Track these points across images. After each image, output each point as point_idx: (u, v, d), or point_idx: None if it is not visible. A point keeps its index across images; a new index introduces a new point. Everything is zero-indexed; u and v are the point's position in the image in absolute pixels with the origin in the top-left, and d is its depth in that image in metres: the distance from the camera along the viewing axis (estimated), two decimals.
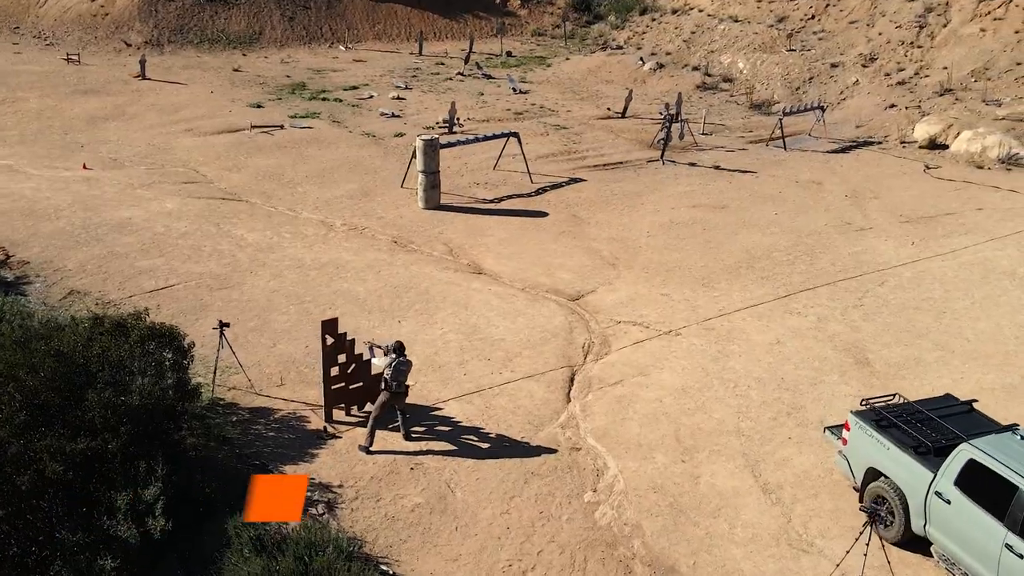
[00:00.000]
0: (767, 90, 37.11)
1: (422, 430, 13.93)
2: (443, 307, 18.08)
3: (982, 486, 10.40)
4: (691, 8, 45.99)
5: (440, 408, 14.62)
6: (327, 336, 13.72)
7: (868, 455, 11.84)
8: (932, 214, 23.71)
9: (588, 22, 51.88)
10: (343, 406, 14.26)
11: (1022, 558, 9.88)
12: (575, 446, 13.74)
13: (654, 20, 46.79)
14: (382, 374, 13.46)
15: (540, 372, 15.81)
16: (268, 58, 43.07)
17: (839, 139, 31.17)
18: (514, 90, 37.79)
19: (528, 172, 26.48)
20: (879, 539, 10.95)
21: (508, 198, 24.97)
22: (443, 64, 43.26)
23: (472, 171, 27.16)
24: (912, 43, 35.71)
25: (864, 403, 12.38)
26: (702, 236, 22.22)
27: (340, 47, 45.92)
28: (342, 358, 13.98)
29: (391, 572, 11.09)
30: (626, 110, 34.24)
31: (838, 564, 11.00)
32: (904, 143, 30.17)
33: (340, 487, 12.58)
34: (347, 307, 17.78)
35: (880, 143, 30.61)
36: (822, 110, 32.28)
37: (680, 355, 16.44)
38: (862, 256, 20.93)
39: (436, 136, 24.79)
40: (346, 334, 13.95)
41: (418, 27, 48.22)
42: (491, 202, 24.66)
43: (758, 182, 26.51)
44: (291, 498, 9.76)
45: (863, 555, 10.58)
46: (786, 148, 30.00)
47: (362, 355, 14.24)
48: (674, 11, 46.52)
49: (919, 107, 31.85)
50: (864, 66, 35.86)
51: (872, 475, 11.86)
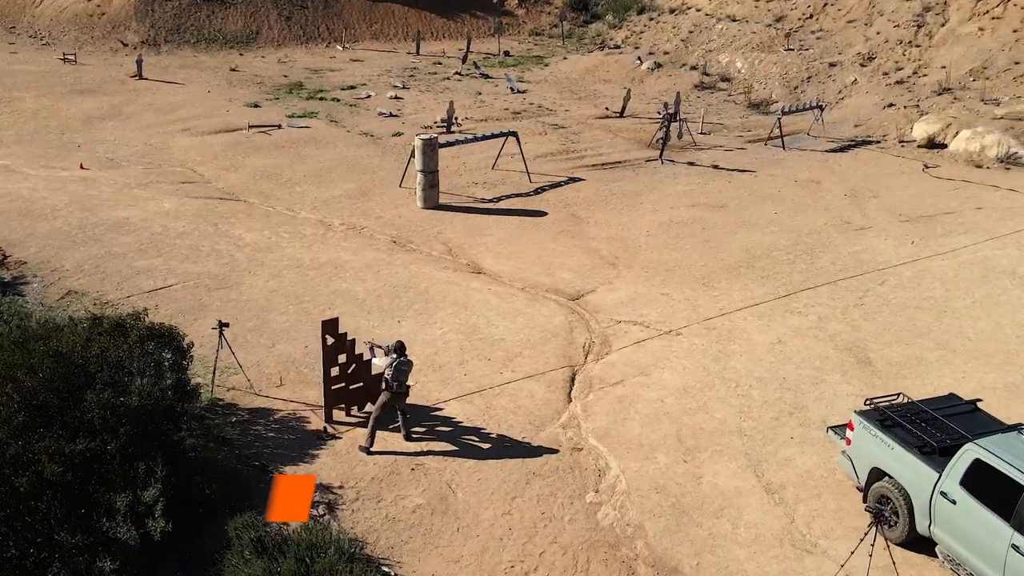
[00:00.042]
0: (765, 89, 37.08)
1: (423, 430, 13.86)
2: (443, 307, 18.00)
3: (988, 486, 10.35)
4: (689, 7, 45.94)
5: (441, 408, 14.55)
6: (327, 336, 13.64)
7: (872, 455, 11.78)
8: (931, 213, 23.68)
9: (586, 21, 51.82)
10: (343, 406, 14.18)
11: None
12: (576, 446, 13.68)
13: (652, 19, 46.74)
14: (383, 374, 13.39)
15: (541, 372, 15.75)
16: (265, 58, 42.95)
17: (838, 138, 31.13)
18: (512, 90, 37.72)
19: (527, 171, 26.41)
20: (883, 539, 10.88)
21: (507, 197, 24.90)
22: (440, 64, 43.18)
23: (471, 171, 27.08)
24: (910, 42, 35.70)
25: (868, 403, 12.32)
26: (701, 235, 22.17)
27: (337, 47, 45.82)
28: (342, 358, 13.90)
29: (393, 574, 11.02)
30: (624, 109, 34.18)
31: (842, 565, 10.95)
32: (903, 142, 30.14)
33: (341, 488, 12.51)
34: (346, 307, 17.69)
35: (879, 142, 30.58)
36: (820, 109, 32.24)
37: (681, 355, 16.38)
38: (862, 255, 20.89)
39: (435, 135, 24.71)
40: (346, 334, 13.87)
41: (415, 27, 48.14)
42: (490, 201, 24.59)
43: (757, 181, 26.46)
44: (302, 498, 9.81)
45: (868, 555, 10.52)
46: (785, 147, 29.96)
47: (362, 355, 14.17)
48: (672, 10, 46.47)
49: (917, 106, 31.82)
50: (862, 65, 35.84)
51: (876, 475, 11.81)
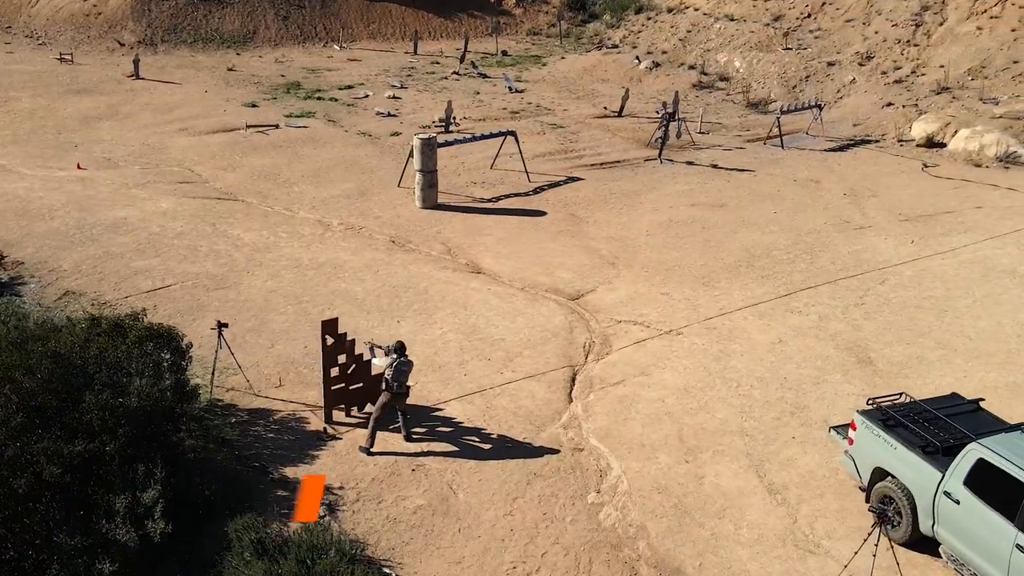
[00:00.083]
0: (764, 89, 37.04)
1: (423, 431, 13.80)
2: (442, 307, 17.94)
3: (992, 486, 10.30)
4: (687, 7, 45.89)
5: (441, 409, 14.49)
6: (327, 336, 13.57)
7: (875, 455, 11.74)
8: (931, 212, 23.65)
9: (583, 21, 51.78)
10: (343, 407, 14.11)
11: None
12: (578, 447, 13.62)
13: (649, 19, 46.69)
14: (382, 374, 13.33)
15: (541, 372, 15.69)
16: (262, 57, 42.85)
17: (836, 137, 31.10)
18: (510, 89, 37.66)
19: (526, 171, 26.35)
20: (887, 540, 10.84)
21: (506, 197, 24.83)
22: (438, 63, 43.10)
23: (469, 170, 27.01)
24: (908, 41, 35.68)
25: (871, 402, 12.27)
26: (701, 235, 22.12)
27: (335, 46, 45.74)
28: (342, 358, 13.83)
29: (394, 575, 10.95)
30: (622, 109, 34.14)
31: (846, 565, 10.90)
32: (901, 141, 30.11)
33: (341, 489, 12.44)
34: (345, 307, 17.62)
35: (877, 141, 30.55)
36: (819, 108, 32.21)
37: (682, 354, 16.33)
38: (862, 254, 20.85)
39: (433, 135, 24.65)
40: (346, 334, 13.80)
41: (413, 26, 48.07)
42: (489, 201, 24.52)
43: (756, 180, 26.42)
44: (317, 498, 9.89)
45: (872, 556, 10.48)
46: (783, 146, 29.92)
47: (362, 355, 14.10)
48: (670, 10, 46.43)
49: (916, 105, 31.79)
50: (861, 64, 35.81)
51: (879, 475, 11.76)
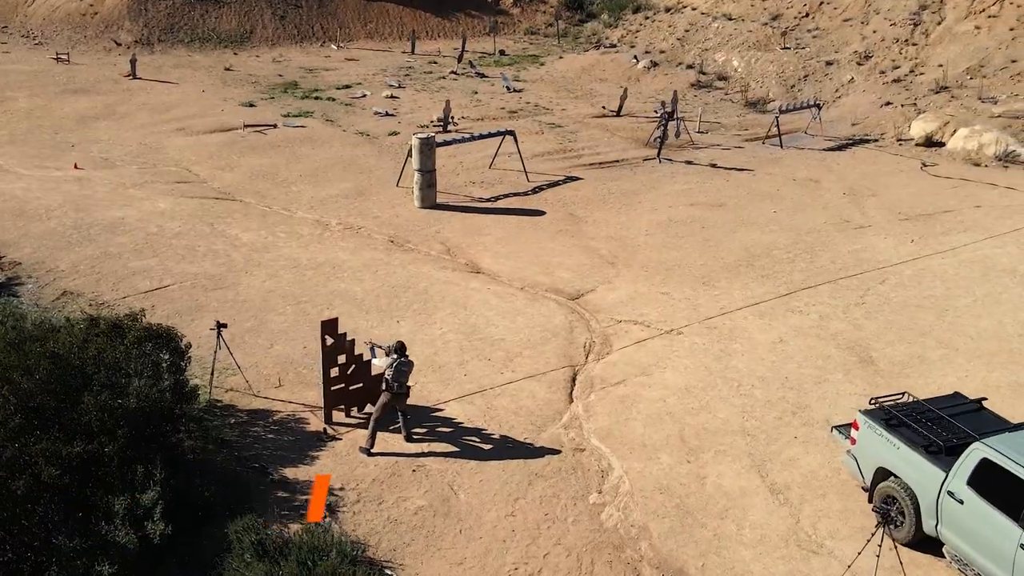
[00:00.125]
0: (762, 88, 37.01)
1: (423, 431, 13.73)
2: (442, 307, 17.87)
3: (996, 486, 10.25)
4: (684, 6, 45.85)
5: (441, 409, 14.42)
6: (327, 336, 13.51)
7: (878, 455, 11.69)
8: (930, 212, 23.63)
9: (581, 20, 51.69)
10: (343, 407, 14.05)
11: None
12: (579, 447, 13.56)
13: (647, 18, 46.65)
14: (383, 375, 13.26)
15: (541, 372, 15.63)
16: (260, 57, 42.75)
17: (835, 137, 31.08)
18: (508, 89, 37.60)
19: (524, 171, 26.29)
20: (890, 540, 10.79)
21: (505, 197, 24.78)
22: (436, 63, 43.04)
23: (468, 170, 26.95)
24: (907, 41, 35.67)
25: (873, 402, 12.23)
26: (701, 234, 22.07)
27: (332, 46, 45.65)
28: (342, 359, 13.77)
29: None
30: (621, 108, 34.09)
31: (849, 565, 10.84)
32: (900, 141, 30.10)
33: (341, 490, 12.37)
34: (344, 307, 17.55)
35: (876, 141, 30.53)
36: (818, 108, 32.19)
37: (682, 354, 16.28)
38: (862, 254, 20.81)
39: (432, 134, 24.58)
40: (346, 334, 13.74)
41: (410, 26, 48.00)
42: (488, 201, 24.46)
43: (755, 180, 26.38)
44: (321, 498, 9.84)
45: (876, 556, 10.43)
46: (782, 146, 29.89)
47: (362, 356, 14.03)
48: (667, 9, 46.38)
49: (915, 105, 31.77)
50: (859, 64, 35.79)
51: (882, 475, 11.70)
